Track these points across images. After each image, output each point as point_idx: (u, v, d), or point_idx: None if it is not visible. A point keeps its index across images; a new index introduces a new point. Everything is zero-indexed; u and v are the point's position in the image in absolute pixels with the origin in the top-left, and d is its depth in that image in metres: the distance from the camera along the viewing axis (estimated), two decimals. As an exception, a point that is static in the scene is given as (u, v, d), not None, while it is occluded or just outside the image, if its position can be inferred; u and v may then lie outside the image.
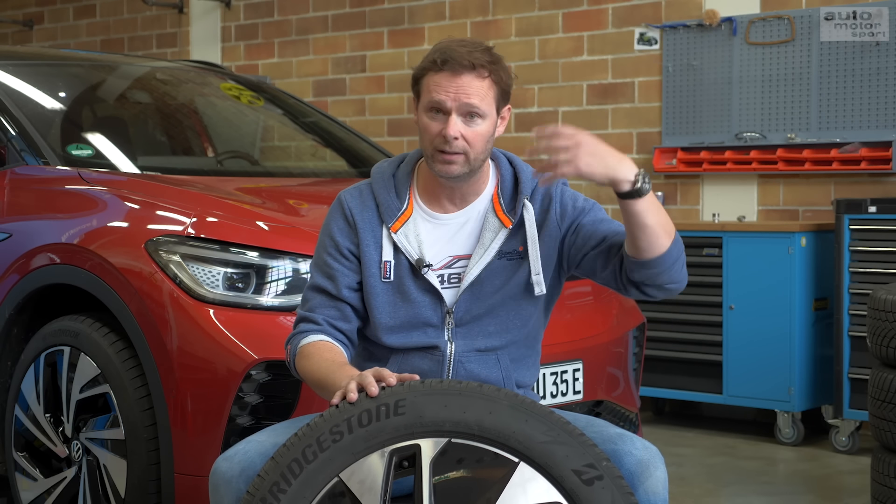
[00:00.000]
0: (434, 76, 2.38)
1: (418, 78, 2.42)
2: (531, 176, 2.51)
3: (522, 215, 2.48)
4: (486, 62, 2.37)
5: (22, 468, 3.58)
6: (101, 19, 8.76)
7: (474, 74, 2.36)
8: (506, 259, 2.47)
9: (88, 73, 4.90)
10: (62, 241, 3.55)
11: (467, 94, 2.36)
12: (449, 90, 2.36)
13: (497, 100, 2.41)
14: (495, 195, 2.50)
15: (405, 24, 7.13)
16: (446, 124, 2.37)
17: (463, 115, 2.38)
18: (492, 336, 2.48)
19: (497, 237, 2.47)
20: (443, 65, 2.36)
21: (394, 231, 2.46)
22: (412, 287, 2.46)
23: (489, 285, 2.46)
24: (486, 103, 2.38)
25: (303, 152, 5.27)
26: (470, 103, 2.37)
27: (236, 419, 3.14)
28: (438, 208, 2.50)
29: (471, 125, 2.38)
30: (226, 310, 3.21)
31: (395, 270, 2.46)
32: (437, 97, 2.37)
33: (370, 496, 2.10)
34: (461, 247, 2.49)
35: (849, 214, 5.20)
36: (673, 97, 6.12)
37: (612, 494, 2.07)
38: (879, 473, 3.70)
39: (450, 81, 2.36)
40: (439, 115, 2.39)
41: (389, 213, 2.48)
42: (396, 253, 2.47)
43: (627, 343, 3.90)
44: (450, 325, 2.47)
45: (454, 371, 2.46)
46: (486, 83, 2.38)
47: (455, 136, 2.36)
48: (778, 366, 5.33)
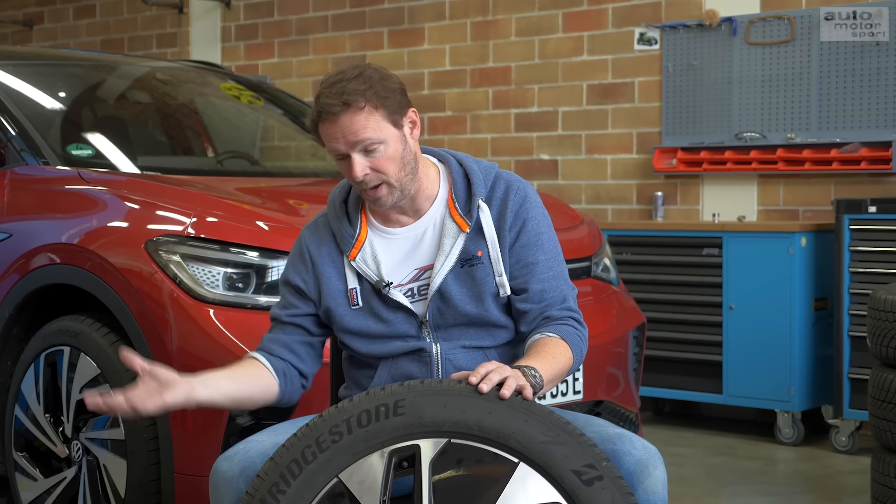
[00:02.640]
0: (322, 127, 2.38)
1: (315, 131, 2.42)
2: (487, 174, 2.50)
3: (479, 218, 2.47)
4: (359, 92, 2.34)
5: (22, 468, 3.58)
6: (101, 19, 8.76)
7: (350, 112, 2.34)
8: (468, 266, 2.45)
9: (88, 73, 4.90)
10: (62, 241, 3.55)
11: (352, 132, 2.35)
12: (336, 136, 2.36)
13: (388, 117, 2.38)
14: (450, 198, 2.49)
15: (405, 24, 7.13)
16: (350, 167, 2.38)
17: (361, 151, 2.37)
18: (474, 339, 2.49)
19: (457, 242, 2.45)
20: (319, 116, 2.37)
21: (352, 258, 2.47)
22: (381, 308, 2.47)
23: (458, 295, 2.45)
24: (375, 131, 2.36)
25: (303, 152, 5.27)
26: (358, 140, 2.35)
27: (236, 419, 3.14)
28: (394, 223, 2.50)
29: (373, 156, 2.37)
30: (226, 310, 3.21)
31: (362, 295, 2.47)
32: (331, 146, 2.39)
33: (370, 497, 2.10)
34: (424, 258, 2.48)
35: (849, 214, 5.20)
36: (673, 97, 6.12)
37: (611, 495, 2.06)
38: (879, 473, 3.70)
39: (333, 128, 2.36)
40: (344, 161, 2.39)
41: (345, 242, 2.49)
42: (360, 279, 2.48)
43: (627, 343, 3.90)
44: (429, 332, 2.47)
45: (443, 369, 2.46)
46: (364, 112, 2.35)
47: (364, 174, 2.37)
48: (778, 366, 5.33)
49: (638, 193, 6.28)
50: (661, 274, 5.70)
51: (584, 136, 6.46)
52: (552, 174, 6.54)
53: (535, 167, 6.59)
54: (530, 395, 2.14)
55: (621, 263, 5.72)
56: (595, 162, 6.43)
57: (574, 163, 6.50)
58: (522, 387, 2.14)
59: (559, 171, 6.54)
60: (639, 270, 5.75)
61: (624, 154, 6.33)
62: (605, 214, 6.37)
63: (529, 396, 2.13)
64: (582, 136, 6.47)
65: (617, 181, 6.36)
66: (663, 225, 5.89)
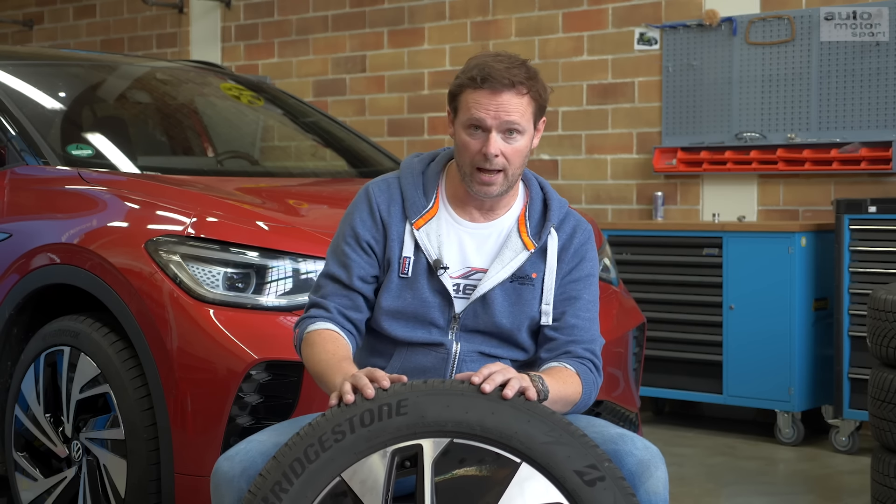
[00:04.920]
0: (473, 93, 2.38)
1: (455, 94, 2.42)
2: (561, 205, 2.53)
3: (546, 243, 2.49)
4: (525, 79, 2.38)
5: (22, 468, 3.58)
6: (101, 19, 8.76)
7: (514, 92, 2.37)
8: (517, 283, 2.47)
9: (88, 73, 4.90)
10: (62, 241, 3.55)
11: (507, 111, 2.37)
12: (489, 108, 2.37)
13: (535, 115, 2.42)
14: (522, 215, 2.51)
15: (405, 24, 7.13)
16: (486, 142, 2.38)
17: (502, 132, 2.38)
18: (494, 349, 2.50)
19: (517, 257, 2.47)
20: (482, 83, 2.36)
21: (416, 228, 2.47)
22: (425, 286, 2.46)
23: (499, 306, 2.46)
24: (525, 119, 2.39)
25: (303, 152, 5.27)
26: (510, 121, 2.37)
27: (236, 419, 3.14)
28: (465, 215, 2.51)
29: (510, 142, 2.39)
30: (226, 310, 3.21)
31: (413, 267, 2.47)
32: (478, 115, 2.37)
33: (372, 496, 2.10)
34: (481, 260, 2.49)
35: (849, 214, 5.20)
36: (673, 97, 6.12)
37: (613, 495, 2.07)
38: (879, 473, 3.70)
39: (490, 99, 2.37)
40: (479, 133, 2.39)
41: (414, 209, 2.48)
42: (416, 250, 2.47)
43: (627, 343, 3.90)
44: (455, 329, 2.48)
45: (458, 369, 2.47)
46: (524, 100, 2.39)
47: (495, 154, 2.38)
48: (778, 366, 5.32)
49: (638, 193, 6.28)
50: (661, 274, 5.70)
51: (584, 136, 6.46)
52: (552, 174, 6.54)
53: (534, 167, 6.58)
54: (533, 397, 2.14)
55: (621, 263, 5.72)
56: (595, 162, 6.43)
57: (574, 163, 6.50)
58: (525, 388, 2.14)
59: (559, 171, 6.54)
60: (639, 270, 5.75)
61: (624, 154, 6.33)
62: (605, 214, 6.37)
63: (532, 398, 2.14)
64: (582, 136, 6.47)
65: (617, 181, 6.36)
66: (663, 225, 5.89)
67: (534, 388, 2.16)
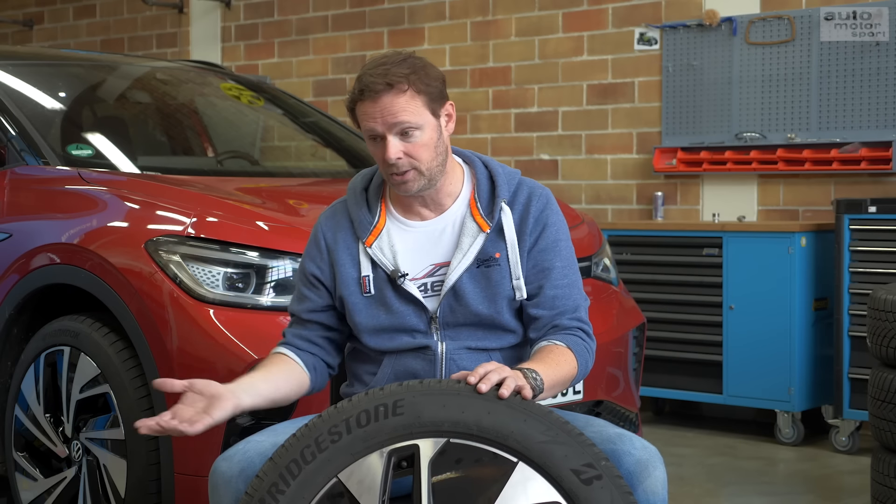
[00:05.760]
0: (361, 106, 2.40)
1: (352, 111, 2.44)
2: (510, 178, 2.52)
3: (500, 219, 2.48)
4: (402, 75, 2.36)
5: (22, 468, 3.58)
6: (101, 19, 8.76)
7: (393, 92, 2.36)
8: (484, 266, 2.46)
9: (88, 73, 4.90)
10: (62, 241, 3.55)
11: (392, 113, 2.37)
12: (375, 116, 2.38)
13: (428, 104, 2.40)
14: (472, 198, 2.50)
15: (405, 24, 7.13)
16: (384, 148, 2.39)
17: (398, 134, 2.38)
18: (481, 340, 2.49)
19: (475, 242, 2.46)
20: (361, 94, 2.38)
21: (368, 245, 2.48)
22: (393, 298, 2.47)
23: (471, 294, 2.46)
24: (414, 115, 2.38)
25: (303, 152, 5.27)
26: (397, 122, 2.37)
27: (236, 419, 3.13)
28: (414, 216, 2.51)
29: (408, 140, 2.39)
30: (226, 310, 3.21)
31: (375, 283, 2.48)
32: (368, 125, 2.40)
33: (369, 496, 2.10)
34: (441, 254, 2.49)
35: (849, 214, 5.20)
36: (673, 97, 6.13)
37: (610, 494, 2.07)
38: (879, 473, 3.70)
39: (373, 108, 2.38)
40: (378, 141, 2.41)
41: (362, 228, 2.50)
42: (374, 267, 2.48)
43: (627, 343, 3.90)
44: (437, 329, 2.48)
45: (447, 369, 2.46)
46: (406, 96, 2.37)
47: (397, 157, 2.38)
48: (778, 366, 5.33)
49: (638, 193, 6.28)
50: (661, 274, 5.70)
51: (584, 136, 6.46)
52: (552, 174, 6.54)
53: (535, 167, 6.58)
54: (529, 395, 2.14)
55: (621, 263, 5.72)
56: (595, 162, 6.43)
57: (574, 163, 6.50)
58: (521, 387, 2.14)
59: (559, 171, 6.54)
60: (639, 270, 5.75)
61: (624, 154, 6.33)
62: (605, 214, 6.37)
63: (528, 396, 2.14)
64: (582, 136, 6.47)
65: (617, 181, 6.36)
66: (663, 225, 5.89)
67: (528, 385, 2.16)
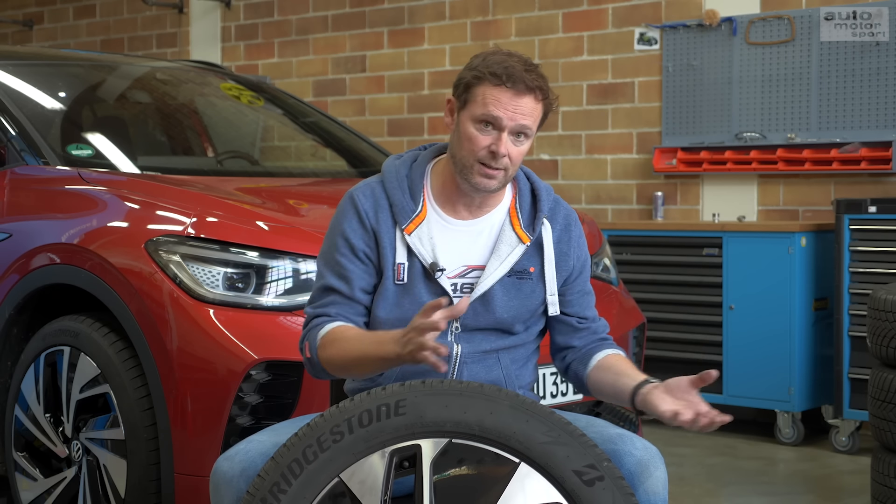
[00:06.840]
0: (493, 90, 2.35)
1: (470, 85, 2.38)
2: (548, 193, 2.54)
3: (541, 234, 2.49)
4: (542, 86, 2.38)
5: (22, 468, 3.58)
6: (101, 19, 8.76)
7: (533, 97, 2.37)
8: (516, 278, 2.46)
9: (88, 73, 4.90)
10: (62, 241, 3.55)
11: (524, 115, 2.36)
12: (508, 108, 2.35)
13: (540, 121, 2.43)
14: (513, 209, 2.50)
15: (405, 24, 7.13)
16: (497, 140, 2.36)
17: (513, 133, 2.37)
18: (492, 343, 2.49)
19: (514, 252, 2.46)
20: (507, 81, 2.34)
21: (408, 233, 2.43)
22: (423, 291, 2.43)
23: (499, 302, 2.45)
24: (535, 125, 2.40)
25: (303, 152, 5.27)
26: (524, 125, 2.37)
27: (236, 419, 3.14)
28: (453, 213, 2.48)
29: (517, 144, 2.38)
30: (226, 310, 3.21)
31: (409, 273, 2.43)
32: (495, 112, 2.35)
33: (371, 496, 2.10)
34: (476, 257, 2.47)
35: (849, 214, 5.20)
36: (673, 97, 6.12)
37: (612, 495, 2.06)
38: (879, 473, 3.70)
39: (511, 99, 2.35)
40: (489, 129, 2.37)
41: (403, 214, 2.44)
42: (410, 255, 2.44)
43: (627, 343, 3.90)
44: (455, 330, 2.46)
45: (458, 372, 2.45)
46: (539, 106, 2.39)
47: (504, 154, 2.36)
48: (778, 366, 5.32)
49: (638, 193, 6.28)
50: (661, 274, 5.70)
51: (584, 136, 6.46)
52: (552, 174, 6.54)
53: (535, 167, 6.58)
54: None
55: (621, 263, 5.72)
56: (595, 162, 6.43)
57: (574, 163, 6.50)
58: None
59: (559, 171, 6.54)
60: (639, 270, 5.75)
61: (624, 154, 6.33)
62: (605, 214, 6.37)
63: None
64: (582, 136, 6.47)
65: (617, 181, 6.36)
66: (663, 225, 5.89)
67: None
